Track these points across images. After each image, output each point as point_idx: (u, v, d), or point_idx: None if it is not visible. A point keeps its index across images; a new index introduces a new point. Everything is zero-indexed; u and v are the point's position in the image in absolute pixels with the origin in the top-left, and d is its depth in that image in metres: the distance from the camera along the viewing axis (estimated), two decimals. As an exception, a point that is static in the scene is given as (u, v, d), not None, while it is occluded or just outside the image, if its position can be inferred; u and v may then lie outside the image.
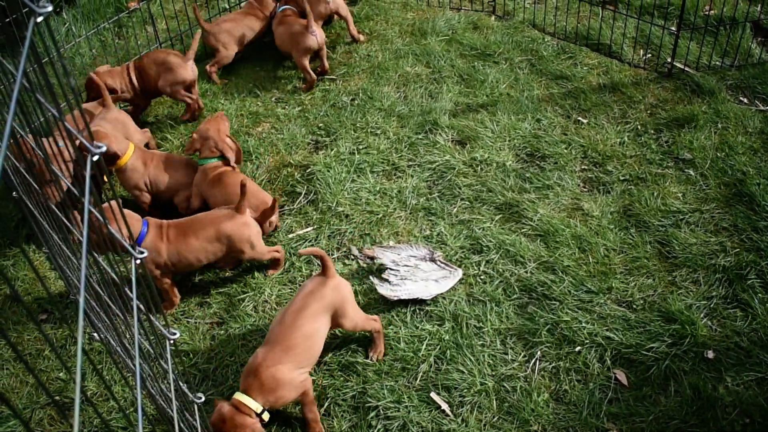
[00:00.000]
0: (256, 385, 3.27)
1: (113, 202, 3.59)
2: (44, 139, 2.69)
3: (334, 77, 5.77)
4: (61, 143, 3.54)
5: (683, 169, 4.66)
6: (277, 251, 4.22)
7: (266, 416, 3.27)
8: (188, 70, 5.20)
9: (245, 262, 4.29)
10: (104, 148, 1.59)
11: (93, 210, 1.63)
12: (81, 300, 1.14)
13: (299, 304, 3.45)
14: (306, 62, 5.58)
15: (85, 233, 1.36)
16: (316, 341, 3.44)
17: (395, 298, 3.93)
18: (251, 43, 5.96)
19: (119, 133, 4.55)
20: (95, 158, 1.60)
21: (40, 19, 1.37)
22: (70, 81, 1.49)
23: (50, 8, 1.34)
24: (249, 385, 3.29)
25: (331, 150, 5.01)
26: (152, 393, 2.77)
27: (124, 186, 4.51)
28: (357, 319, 3.60)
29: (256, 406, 3.24)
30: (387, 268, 4.10)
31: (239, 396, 3.27)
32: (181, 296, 4.16)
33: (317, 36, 5.55)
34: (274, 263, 4.25)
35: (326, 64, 5.77)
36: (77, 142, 1.61)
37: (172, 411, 1.89)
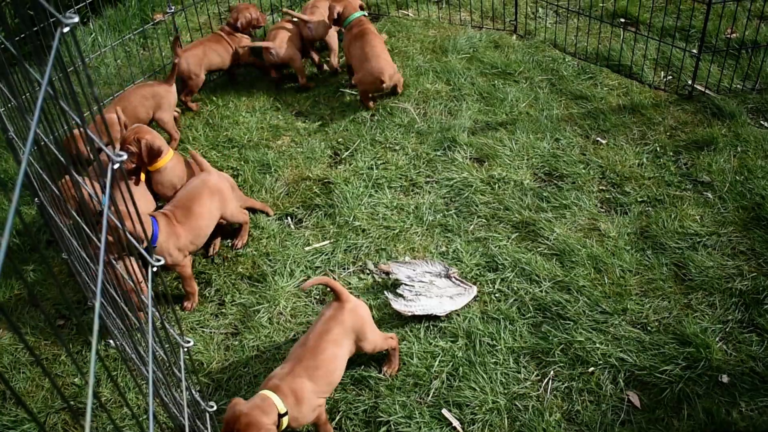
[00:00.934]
0: (281, 390, 3.17)
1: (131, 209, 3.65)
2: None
3: (354, 92, 5.81)
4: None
5: (701, 191, 4.65)
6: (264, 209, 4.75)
7: (285, 422, 3.12)
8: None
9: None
10: (125, 157, 1.62)
11: (112, 217, 1.66)
12: (97, 304, 1.17)
13: (321, 328, 3.41)
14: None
15: (103, 239, 1.39)
16: (338, 366, 3.39)
17: (409, 314, 3.94)
18: (217, 71, 6.00)
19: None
20: (116, 166, 1.63)
21: (66, 29, 1.41)
22: (93, 91, 1.52)
23: (77, 19, 1.38)
24: (274, 387, 3.18)
25: (350, 164, 5.05)
26: (165, 401, 2.80)
27: (158, 187, 4.52)
28: (377, 340, 3.58)
29: (281, 406, 3.10)
30: (402, 284, 4.11)
31: (266, 392, 3.14)
32: (197, 306, 4.20)
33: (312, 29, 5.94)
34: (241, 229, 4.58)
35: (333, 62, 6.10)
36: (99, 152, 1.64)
37: (183, 418, 1.91)
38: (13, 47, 1.70)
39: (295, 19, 6.00)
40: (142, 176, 4.46)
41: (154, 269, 1.87)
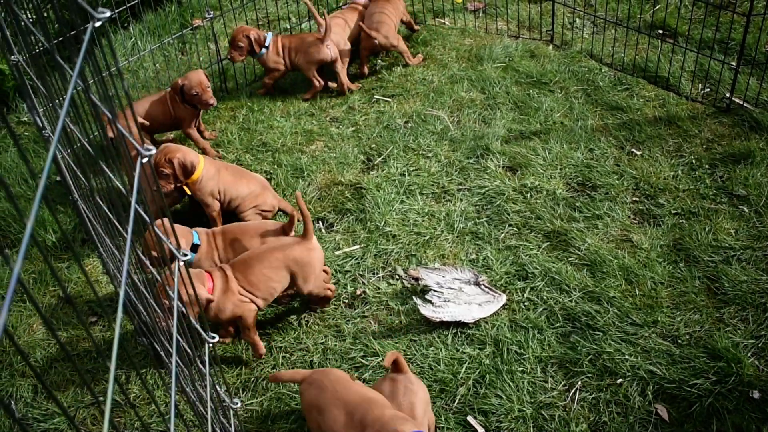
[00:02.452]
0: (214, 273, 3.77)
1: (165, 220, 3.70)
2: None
3: (388, 99, 5.84)
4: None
5: (737, 205, 4.59)
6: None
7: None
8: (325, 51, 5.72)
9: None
10: (153, 150, 1.65)
11: (139, 209, 1.69)
12: (121, 293, 1.19)
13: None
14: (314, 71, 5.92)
15: (129, 230, 1.42)
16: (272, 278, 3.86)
17: (438, 320, 3.94)
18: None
19: None
20: (144, 160, 1.67)
21: (98, 24, 1.45)
22: (123, 84, 1.55)
23: (108, 14, 1.41)
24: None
25: (382, 170, 5.07)
26: (192, 399, 2.83)
27: (198, 194, 4.54)
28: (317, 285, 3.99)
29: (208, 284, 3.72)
30: (431, 290, 4.11)
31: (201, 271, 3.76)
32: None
33: (330, 49, 5.83)
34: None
35: (343, 80, 6.00)
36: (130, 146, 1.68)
37: (207, 413, 1.94)
38: (51, 48, 1.75)
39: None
40: (188, 191, 4.53)
41: (182, 263, 1.90)
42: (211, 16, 5.79)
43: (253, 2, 6.95)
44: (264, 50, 5.76)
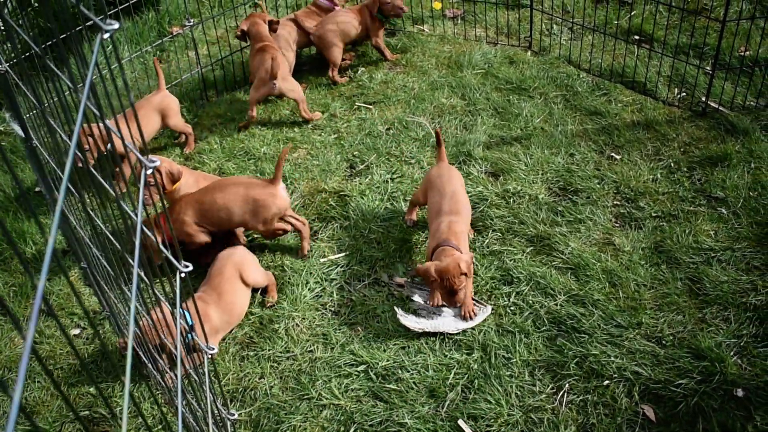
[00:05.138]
0: None
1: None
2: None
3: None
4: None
5: (715, 207, 4.66)
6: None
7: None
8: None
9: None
10: (158, 162, 1.67)
11: (135, 217, 1.69)
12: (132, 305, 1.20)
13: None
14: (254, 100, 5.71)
15: (137, 242, 1.42)
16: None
17: (419, 330, 3.95)
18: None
19: None
20: (149, 172, 1.67)
21: (106, 35, 1.45)
22: (130, 96, 1.56)
23: (117, 25, 1.42)
24: None
25: (366, 177, 5.09)
26: (182, 411, 2.83)
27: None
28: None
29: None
30: (418, 308, 4.11)
31: None
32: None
33: (276, 86, 5.60)
34: None
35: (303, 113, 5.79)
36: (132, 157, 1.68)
37: (201, 424, 1.94)
38: (40, 53, 1.75)
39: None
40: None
41: (182, 275, 1.90)
42: (191, 23, 5.78)
43: (232, 9, 6.94)
44: None
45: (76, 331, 4.26)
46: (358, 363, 3.88)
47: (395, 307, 4.09)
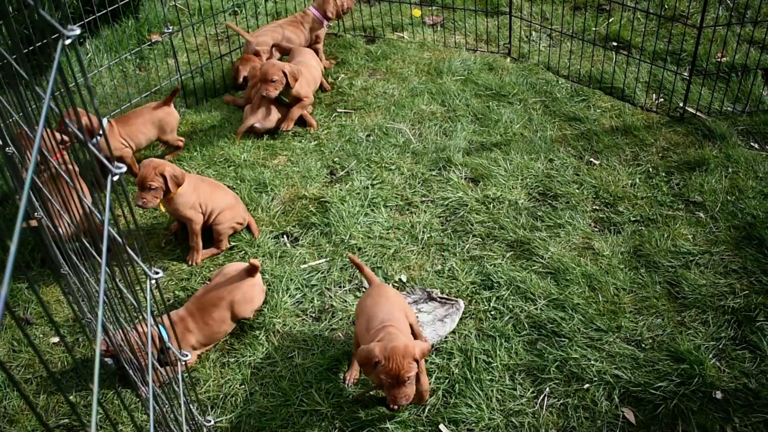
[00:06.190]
0: None
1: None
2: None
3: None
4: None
5: (694, 211, 4.70)
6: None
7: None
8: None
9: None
10: (124, 169, 1.65)
11: (111, 231, 1.68)
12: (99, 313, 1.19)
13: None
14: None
15: (104, 248, 1.41)
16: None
17: None
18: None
19: None
20: (116, 178, 1.66)
21: (68, 41, 1.44)
22: (94, 103, 1.55)
23: (78, 31, 1.41)
24: None
25: (346, 184, 5.08)
26: (160, 418, 2.81)
27: (180, 211, 4.52)
28: None
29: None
30: None
31: None
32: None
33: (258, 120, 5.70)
34: None
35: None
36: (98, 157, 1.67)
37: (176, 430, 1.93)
38: (15, 63, 1.74)
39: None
40: (162, 208, 4.51)
41: (153, 281, 1.89)
42: (171, 30, 5.76)
43: (212, 17, 6.93)
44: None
45: (56, 339, 4.22)
46: (338, 369, 3.87)
47: None
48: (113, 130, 5.09)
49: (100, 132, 4.21)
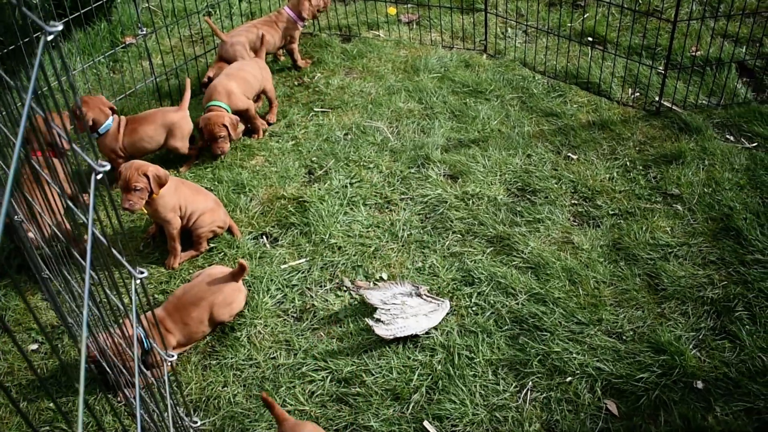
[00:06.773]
0: None
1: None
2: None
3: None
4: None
5: (671, 204, 4.73)
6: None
7: None
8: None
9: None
10: (108, 167, 1.63)
11: (96, 232, 1.67)
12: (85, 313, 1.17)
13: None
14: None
15: (89, 248, 1.39)
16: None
17: (392, 337, 3.94)
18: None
19: None
20: (99, 177, 1.64)
21: (50, 37, 1.42)
22: (77, 100, 1.54)
23: (60, 27, 1.39)
24: None
25: (325, 183, 5.07)
26: (145, 421, 2.78)
27: (160, 213, 4.48)
28: None
29: None
30: (377, 308, 4.10)
31: None
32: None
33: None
34: None
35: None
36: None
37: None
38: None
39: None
40: (144, 210, 4.48)
41: (138, 280, 1.87)
42: (144, 32, 5.72)
43: (186, 18, 6.88)
44: None
45: (34, 347, 4.17)
46: (321, 368, 3.86)
47: (366, 319, 4.04)
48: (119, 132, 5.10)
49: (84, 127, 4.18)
